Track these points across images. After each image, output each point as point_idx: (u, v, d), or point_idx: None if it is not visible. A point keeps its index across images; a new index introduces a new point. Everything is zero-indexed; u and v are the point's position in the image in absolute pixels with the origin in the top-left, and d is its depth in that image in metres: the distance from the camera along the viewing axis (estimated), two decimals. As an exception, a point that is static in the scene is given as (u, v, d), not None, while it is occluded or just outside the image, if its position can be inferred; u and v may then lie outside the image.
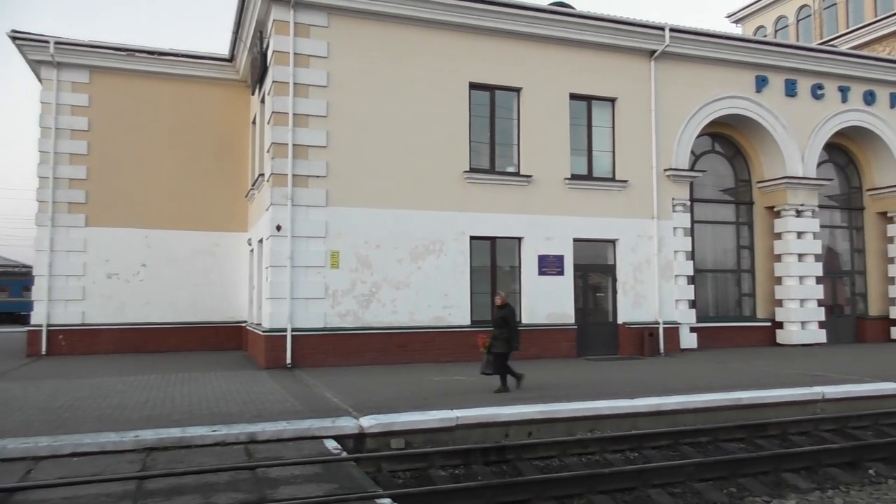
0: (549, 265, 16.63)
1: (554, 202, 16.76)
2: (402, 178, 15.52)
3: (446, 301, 15.64)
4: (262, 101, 16.62)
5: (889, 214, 21.19)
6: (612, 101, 17.65)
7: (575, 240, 16.93)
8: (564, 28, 16.84)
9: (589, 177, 17.37)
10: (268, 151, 15.14)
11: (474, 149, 16.38)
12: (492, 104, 16.69)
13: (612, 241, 17.42)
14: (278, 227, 14.51)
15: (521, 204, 16.48)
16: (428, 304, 15.51)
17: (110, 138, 18.35)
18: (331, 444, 7.65)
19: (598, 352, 16.87)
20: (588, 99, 17.52)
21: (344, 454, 7.38)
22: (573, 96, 17.25)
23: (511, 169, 16.77)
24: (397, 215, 15.42)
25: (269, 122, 15.06)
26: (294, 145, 14.73)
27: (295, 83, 14.82)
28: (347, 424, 8.29)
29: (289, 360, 14.26)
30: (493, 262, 16.47)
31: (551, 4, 18.32)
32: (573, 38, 17.04)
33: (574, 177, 17.05)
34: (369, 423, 8.33)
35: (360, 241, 15.13)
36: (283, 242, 14.54)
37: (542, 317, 16.46)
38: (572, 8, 18.46)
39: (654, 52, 17.74)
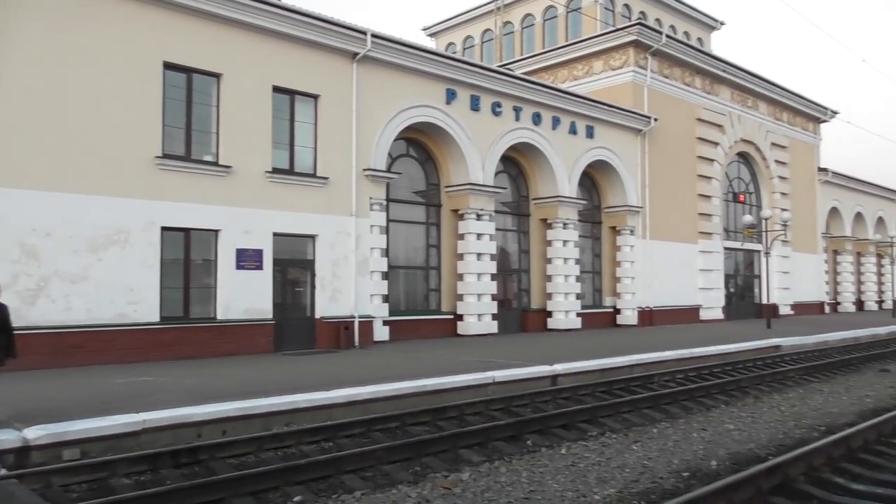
0: (248, 259, 16.27)
1: (254, 195, 16.43)
2: (80, 160, 13.91)
3: (132, 296, 14.43)
4: None
5: (548, 221, 24.57)
6: (316, 97, 17.86)
7: (275, 234, 16.79)
8: (268, 18, 16.59)
9: (291, 171, 17.36)
10: None
11: (169, 133, 15.36)
12: (189, 88, 15.81)
13: (312, 237, 17.63)
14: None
15: (220, 195, 15.86)
16: (110, 299, 14.15)
17: None
18: (-15, 462, 6.63)
19: (295, 346, 16.93)
20: (292, 93, 17.50)
21: (3, 471, 6.46)
22: (276, 89, 17.09)
23: (209, 158, 16.05)
24: (74, 200, 13.78)
25: None
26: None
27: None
28: (7, 438, 7.26)
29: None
30: (188, 254, 15.61)
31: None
32: (278, 31, 16.88)
33: (276, 170, 16.90)
34: (35, 434, 7.39)
35: (25, 229, 13.21)
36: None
37: (239, 312, 16.04)
38: None
39: (357, 54, 18.34)
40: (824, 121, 40.47)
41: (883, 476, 6.81)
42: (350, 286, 18.10)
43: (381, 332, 18.95)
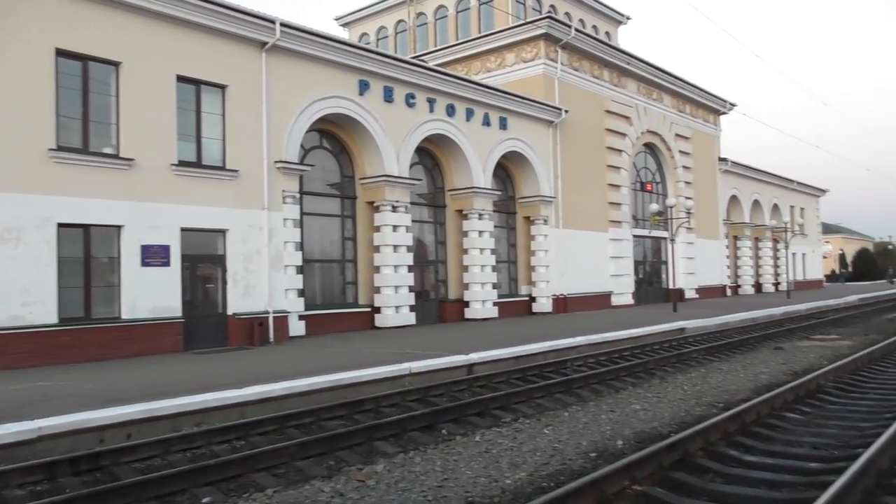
0: (154, 256, 15.67)
1: (160, 189, 15.82)
2: (-34, 153, 13.05)
3: (27, 298, 13.65)
4: None
5: (464, 212, 24.78)
6: (224, 88, 17.36)
7: (183, 229, 16.23)
8: (171, 5, 15.96)
9: (198, 164, 16.81)
10: None
11: (64, 125, 14.59)
12: (85, 77, 15.03)
13: (223, 232, 17.15)
14: None
15: (122, 189, 15.19)
16: (2, 301, 13.35)
17: None
18: None
19: (206, 344, 16.46)
20: (198, 83, 16.94)
21: None
22: (181, 78, 16.49)
23: (110, 150, 15.34)
24: (-41, 196, 12.92)
25: None
26: None
27: None
28: None
29: None
30: (88, 252, 14.90)
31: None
32: (182, 18, 16.28)
33: (182, 163, 16.33)
34: (-83, 446, 6.91)
35: None
36: None
37: (146, 311, 15.44)
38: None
39: (266, 44, 17.92)
40: (724, 113, 42.46)
41: (773, 447, 7.23)
42: (263, 281, 17.73)
43: (297, 327, 18.67)
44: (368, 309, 21.52)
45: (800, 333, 19.82)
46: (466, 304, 24.70)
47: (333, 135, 21.27)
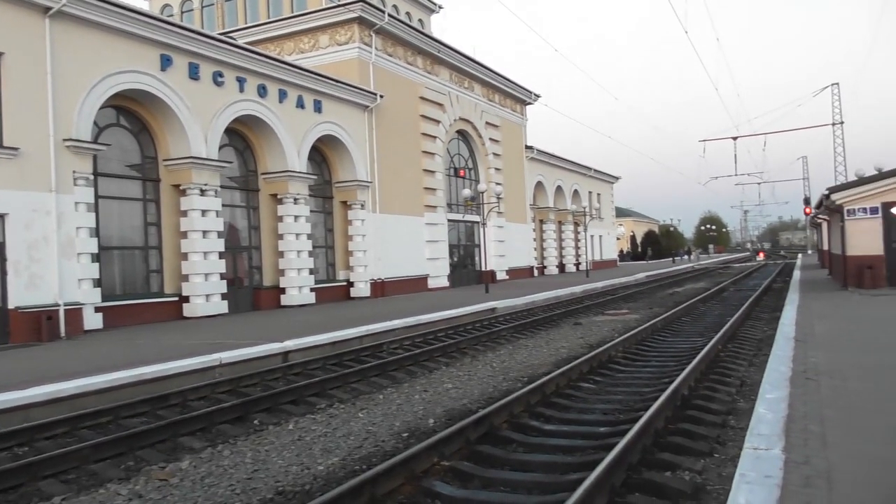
0: (-87, 244, 13.64)
1: (-82, 168, 13.80)
2: None
3: None
4: None
5: (279, 196, 24.12)
6: (-2, 55, 15.47)
7: (-51, 214, 14.31)
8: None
9: (-32, 141, 14.85)
10: None
11: None
12: None
13: (2, 217, 15.33)
14: None
15: None
16: None
17: None
18: None
19: (-17, 343, 14.69)
20: (-35, 49, 14.93)
21: None
22: (-56, 43, 14.46)
23: None
24: None
25: None
26: None
27: None
28: None
29: None
30: None
31: None
32: (-58, -27, 14.23)
33: (-53, 139, 14.35)
34: None
35: None
36: None
37: None
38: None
39: (50, 9, 16.18)
40: (529, 103, 44.91)
41: (569, 415, 7.86)
42: (52, 271, 16.09)
43: (94, 320, 17.20)
44: (176, 298, 20.31)
45: (596, 309, 21.61)
46: (283, 290, 24.13)
47: (133, 112, 19.72)
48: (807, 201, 56.50)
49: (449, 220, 34.22)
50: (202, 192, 20.50)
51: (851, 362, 8.37)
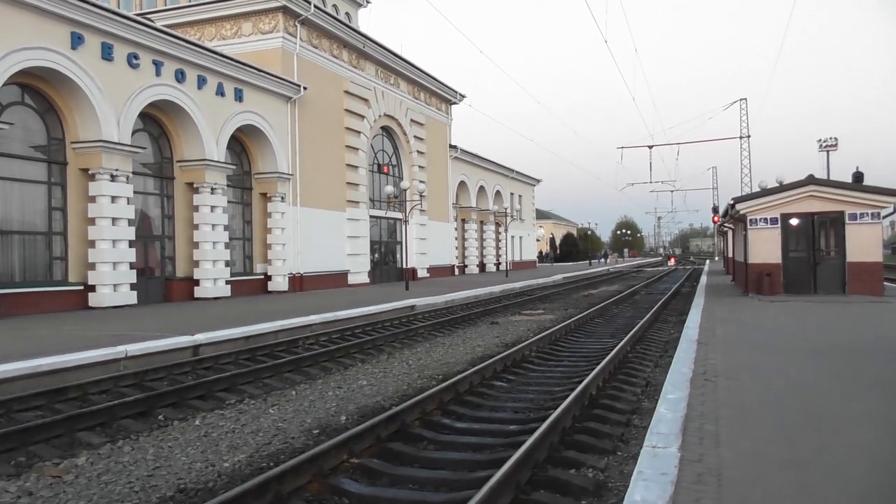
0: None
1: None
2: None
3: None
4: None
5: (195, 185, 23.40)
6: None
7: None
8: None
9: None
10: None
11: None
12: None
13: None
14: None
15: None
16: None
17: None
18: None
19: None
20: None
21: None
22: None
23: None
24: None
25: None
26: None
27: None
28: None
29: None
30: None
31: None
32: None
33: None
34: None
35: None
36: None
37: None
38: None
39: (-52, -24, 15.17)
40: (454, 103, 45.19)
41: (481, 413, 7.96)
42: (-57, 256, 15.11)
43: (-12, 309, 16.25)
44: (81, 287, 19.40)
45: (513, 309, 21.96)
46: (196, 282, 23.42)
47: (40, 91, 18.71)
48: (715, 210, 59.35)
49: (371, 217, 34.05)
50: (113, 178, 19.66)
51: (747, 364, 8.81)
